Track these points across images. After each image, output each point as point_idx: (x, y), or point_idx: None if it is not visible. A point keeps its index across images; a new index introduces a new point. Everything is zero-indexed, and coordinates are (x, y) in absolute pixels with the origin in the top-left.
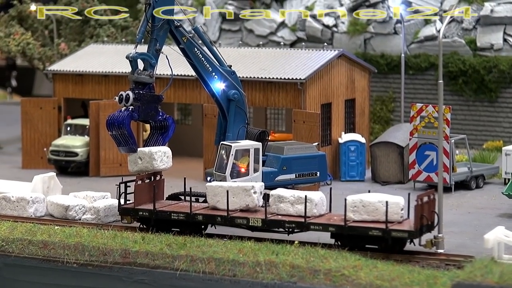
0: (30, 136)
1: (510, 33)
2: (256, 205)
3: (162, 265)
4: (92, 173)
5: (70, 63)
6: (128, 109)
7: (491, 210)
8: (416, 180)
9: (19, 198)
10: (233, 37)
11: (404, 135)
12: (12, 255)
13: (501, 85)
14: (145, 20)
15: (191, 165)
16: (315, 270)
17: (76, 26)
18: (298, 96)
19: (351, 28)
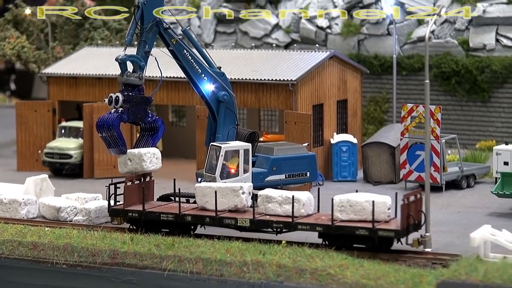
0: (25, 138)
1: (502, 34)
2: (245, 205)
3: (150, 266)
4: (86, 175)
5: (64, 66)
6: (118, 111)
7: (481, 209)
8: (408, 180)
9: (11, 200)
10: (228, 39)
11: (395, 135)
12: (2, 257)
13: (494, 85)
14: (134, 22)
15: (185, 166)
16: (301, 269)
17: (71, 29)
18: (289, 97)
19: (345, 30)
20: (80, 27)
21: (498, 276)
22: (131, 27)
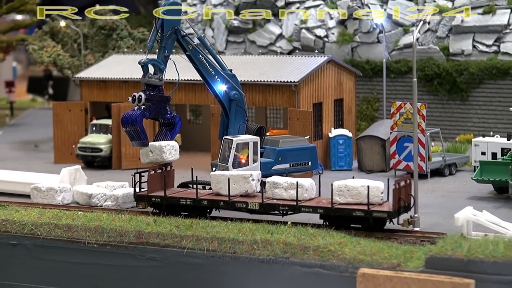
0: (60, 135)
1: (478, 40)
2: (254, 191)
3: (171, 244)
4: (114, 167)
5: (95, 71)
6: (140, 108)
7: (462, 193)
8: (397, 168)
9: (49, 188)
10: (238, 47)
11: (386, 129)
12: (40, 237)
13: (471, 85)
14: (155, 30)
15: (201, 158)
16: (305, 247)
17: (101, 39)
18: (292, 96)
19: (340, 38)
20: (109, 37)
21: (480, 251)
22: (152, 34)
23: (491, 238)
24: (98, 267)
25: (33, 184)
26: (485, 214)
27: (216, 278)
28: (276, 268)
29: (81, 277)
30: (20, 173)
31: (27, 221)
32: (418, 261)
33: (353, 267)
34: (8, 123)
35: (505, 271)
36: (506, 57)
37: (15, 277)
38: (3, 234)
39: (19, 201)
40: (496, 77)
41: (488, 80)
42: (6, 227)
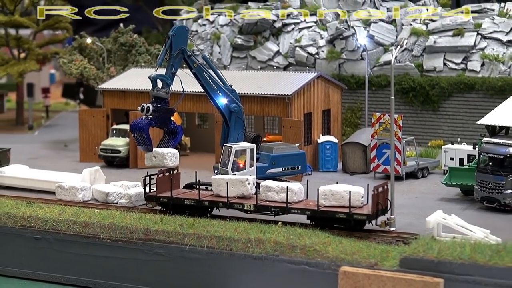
0: (85, 137)
1: (448, 59)
2: (250, 193)
3: (175, 241)
4: (131, 166)
5: (116, 82)
6: (148, 118)
7: (433, 195)
8: (376, 171)
9: (71, 186)
10: (241, 62)
11: (367, 137)
12: (60, 233)
13: (442, 98)
14: (164, 49)
15: (207, 159)
16: (293, 246)
17: (122, 54)
18: (286, 107)
19: (329, 56)
20: (129, 53)
21: (449, 253)
22: (162, 53)
23: (458, 240)
24: (111, 260)
25: (58, 183)
26: (454, 218)
27: (214, 272)
28: (267, 265)
29: (96, 268)
30: (47, 172)
31: (49, 217)
32: (393, 261)
33: (335, 265)
34: (43, 124)
35: (471, 271)
36: (472, 74)
37: (38, 267)
38: (28, 229)
39: (45, 198)
40: (463, 91)
41: (457, 93)
42: (31, 223)
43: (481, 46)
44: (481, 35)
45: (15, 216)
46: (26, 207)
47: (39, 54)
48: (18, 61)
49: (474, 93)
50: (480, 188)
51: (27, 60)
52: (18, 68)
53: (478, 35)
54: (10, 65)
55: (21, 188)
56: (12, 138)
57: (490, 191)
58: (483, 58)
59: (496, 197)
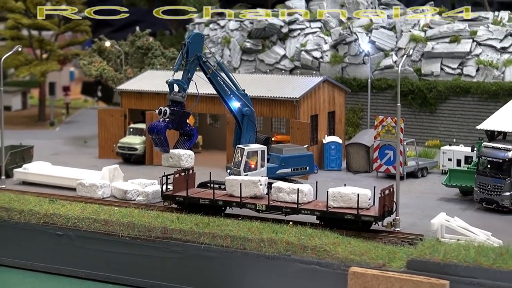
0: (104, 135)
1: (445, 64)
2: (262, 194)
3: (191, 240)
4: (147, 163)
5: (133, 84)
6: (165, 120)
7: (433, 195)
8: (378, 171)
9: (91, 184)
10: (250, 65)
11: (370, 137)
12: (82, 230)
13: (439, 100)
14: (181, 55)
15: (218, 156)
16: (304, 246)
17: (138, 57)
18: (294, 109)
19: (332, 60)
20: (145, 56)
21: (454, 256)
22: (179, 59)
23: (463, 243)
24: (130, 257)
25: (78, 180)
26: (457, 220)
27: (229, 270)
28: (279, 264)
29: (115, 264)
30: (68, 169)
31: (71, 215)
32: (400, 261)
33: (345, 266)
34: (64, 120)
35: (476, 274)
36: (467, 78)
37: (60, 262)
38: (50, 225)
39: (67, 194)
40: (459, 94)
41: (453, 96)
42: (54, 220)
43: (476, 52)
44: (476, 42)
45: (38, 213)
46: (49, 204)
47: (60, 55)
48: (41, 61)
49: (469, 96)
50: (480, 190)
51: (49, 61)
52: (40, 68)
53: (474, 42)
54: (33, 65)
55: (44, 184)
56: (35, 134)
57: (489, 193)
58: (478, 63)
59: (495, 199)
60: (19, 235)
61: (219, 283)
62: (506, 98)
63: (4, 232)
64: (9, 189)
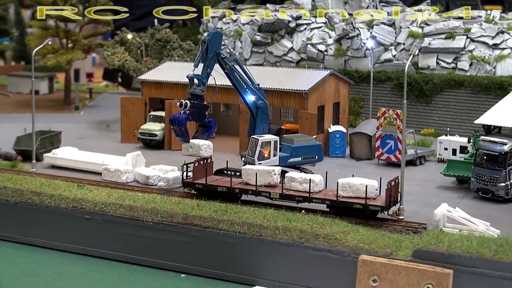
0: (126, 122)
1: (441, 59)
2: (276, 183)
3: (211, 226)
4: (166, 148)
5: (153, 74)
6: (186, 112)
7: (431, 182)
8: (380, 158)
9: (116, 169)
10: (260, 56)
11: (372, 127)
12: (108, 214)
13: (434, 92)
14: (201, 52)
15: (231, 142)
16: (316, 234)
17: (158, 49)
18: (303, 101)
19: (336, 53)
20: (164, 48)
21: (458, 247)
22: (199, 55)
23: (465, 233)
24: (153, 240)
25: (104, 165)
26: (458, 211)
27: (246, 255)
28: (293, 250)
29: (139, 247)
30: (94, 154)
31: (98, 200)
32: (406, 250)
33: (354, 253)
34: (87, 105)
35: (478, 264)
36: (461, 72)
37: (87, 244)
38: (79, 210)
39: (93, 179)
40: (453, 87)
41: (447, 89)
42: (82, 204)
43: (470, 48)
44: (470, 38)
45: (67, 198)
46: (77, 190)
47: (85, 45)
48: (67, 50)
49: (463, 89)
50: (477, 180)
51: (74, 50)
52: (66, 56)
53: (467, 39)
54: (60, 53)
55: (71, 168)
56: (61, 117)
57: (485, 183)
58: (471, 59)
59: (491, 189)
60: (49, 218)
61: (237, 268)
62: (497, 91)
63: (35, 215)
64: (39, 173)
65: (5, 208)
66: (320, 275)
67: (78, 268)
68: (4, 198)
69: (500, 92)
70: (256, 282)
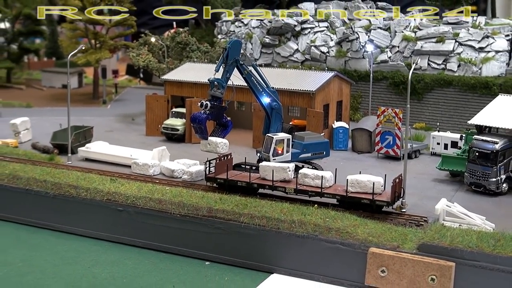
0: (151, 117)
1: (432, 60)
2: (290, 178)
3: (233, 219)
4: (186, 141)
5: (174, 74)
6: (206, 113)
7: (427, 175)
8: (379, 152)
9: (144, 163)
10: (268, 57)
11: (372, 123)
12: (139, 207)
13: (425, 90)
14: (222, 58)
15: (244, 135)
16: (329, 228)
17: (178, 51)
18: (310, 100)
19: (337, 54)
20: (184, 49)
21: (459, 241)
22: (220, 61)
23: (464, 228)
24: (180, 231)
25: (133, 159)
26: (456, 206)
27: (265, 246)
28: (308, 242)
29: (167, 237)
30: (123, 148)
31: (129, 194)
32: (411, 243)
33: (364, 246)
34: (113, 99)
35: (478, 258)
36: (450, 73)
37: (120, 233)
38: (112, 202)
39: (123, 172)
40: (443, 86)
41: (437, 87)
42: (115, 197)
43: (458, 51)
44: (458, 42)
45: (102, 191)
46: (110, 183)
47: (111, 45)
48: (95, 50)
49: (451, 88)
50: (470, 175)
51: (101, 49)
52: (95, 56)
53: (456, 42)
54: (89, 53)
55: (103, 161)
56: (91, 111)
57: (478, 178)
58: (459, 60)
59: (483, 183)
60: (86, 209)
61: (256, 257)
62: (482, 90)
63: (73, 206)
64: (74, 165)
65: (45, 199)
66: (332, 265)
67: (113, 256)
68: (44, 191)
69: (485, 91)
70: (274, 270)
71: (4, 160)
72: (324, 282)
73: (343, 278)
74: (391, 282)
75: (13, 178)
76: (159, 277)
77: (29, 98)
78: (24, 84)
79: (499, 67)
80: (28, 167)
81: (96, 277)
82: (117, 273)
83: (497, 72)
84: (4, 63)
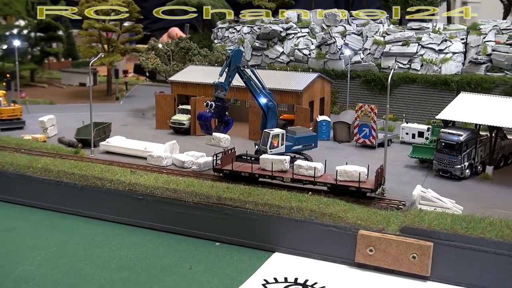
0: (160, 113)
1: (398, 61)
2: (287, 169)
3: (239, 206)
4: (191, 134)
5: (179, 76)
6: (211, 111)
7: (399, 162)
8: (357, 142)
9: (158, 155)
10: (258, 59)
11: (350, 117)
12: (157, 196)
13: (393, 87)
14: (226, 65)
15: (240, 127)
16: (323, 213)
17: (182, 55)
18: (298, 98)
19: (317, 56)
20: (186, 54)
21: (436, 224)
22: (224, 67)
23: (440, 212)
24: (193, 216)
25: (148, 152)
26: (430, 191)
27: (267, 229)
28: (305, 226)
29: (182, 221)
30: (139, 142)
31: (148, 184)
32: (393, 225)
33: (354, 229)
34: (124, 95)
35: (453, 239)
36: (414, 72)
37: (141, 218)
38: (133, 192)
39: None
40: (408, 82)
41: (403, 84)
42: (135, 187)
43: (421, 53)
44: (421, 45)
45: (124, 182)
46: (131, 175)
47: (122, 49)
48: (108, 53)
49: (415, 84)
50: (438, 163)
51: (114, 53)
52: (109, 59)
53: (419, 45)
54: (103, 57)
55: (121, 154)
56: (106, 107)
57: (445, 166)
58: (422, 61)
59: (449, 170)
60: (110, 198)
61: (260, 238)
62: (442, 86)
63: (99, 196)
64: (97, 158)
65: (74, 190)
66: (327, 245)
67: (135, 239)
68: (73, 182)
69: (444, 87)
70: (276, 249)
71: (36, 155)
72: (320, 260)
73: (336, 256)
74: (378, 260)
75: (45, 171)
76: (177, 257)
77: (51, 95)
78: (46, 83)
79: (456, 66)
80: (57, 161)
81: (123, 259)
82: (140, 255)
83: (454, 70)
84: (28, 65)
